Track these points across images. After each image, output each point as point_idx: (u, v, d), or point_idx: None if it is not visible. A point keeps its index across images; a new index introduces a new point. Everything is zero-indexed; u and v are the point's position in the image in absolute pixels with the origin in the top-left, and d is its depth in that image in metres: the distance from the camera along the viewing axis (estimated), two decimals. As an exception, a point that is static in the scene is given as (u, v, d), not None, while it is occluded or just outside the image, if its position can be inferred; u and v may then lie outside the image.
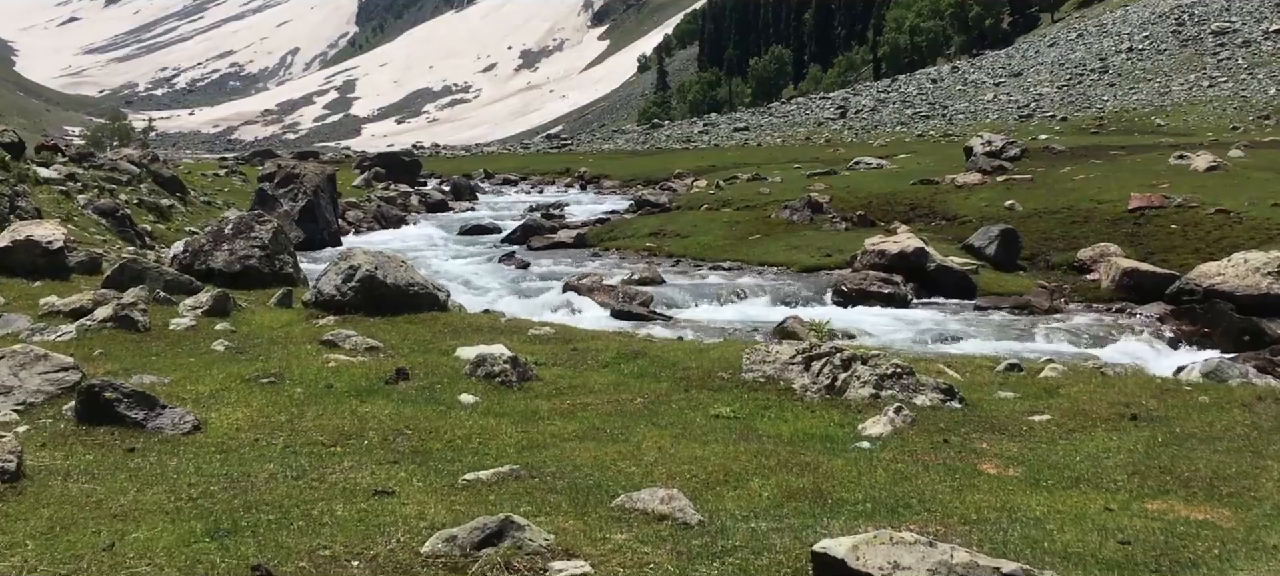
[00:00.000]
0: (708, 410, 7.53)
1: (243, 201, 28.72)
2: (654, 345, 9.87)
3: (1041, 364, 9.65)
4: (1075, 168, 30.58)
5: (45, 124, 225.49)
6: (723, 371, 8.63)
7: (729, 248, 23.30)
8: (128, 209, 22.64)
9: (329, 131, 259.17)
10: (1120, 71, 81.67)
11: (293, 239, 26.82)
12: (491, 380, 8.18)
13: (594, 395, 7.96)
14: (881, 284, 17.95)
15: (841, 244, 21.98)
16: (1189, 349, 14.04)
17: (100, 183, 23.71)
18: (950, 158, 37.66)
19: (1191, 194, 23.77)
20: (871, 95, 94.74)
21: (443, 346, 9.64)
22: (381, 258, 11.68)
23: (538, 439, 6.68)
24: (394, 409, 7.34)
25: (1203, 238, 20.95)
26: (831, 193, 28.84)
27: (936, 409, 7.78)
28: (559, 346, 9.84)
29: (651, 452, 6.39)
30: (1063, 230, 22.52)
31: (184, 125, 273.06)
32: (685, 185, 41.11)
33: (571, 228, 28.20)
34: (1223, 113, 62.08)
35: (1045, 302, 17.40)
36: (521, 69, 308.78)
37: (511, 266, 22.04)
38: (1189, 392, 8.29)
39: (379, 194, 39.01)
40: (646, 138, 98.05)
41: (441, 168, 61.62)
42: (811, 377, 8.08)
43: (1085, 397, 8.16)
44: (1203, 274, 17.26)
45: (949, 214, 25.27)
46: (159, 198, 25.31)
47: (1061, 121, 64.53)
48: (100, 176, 24.41)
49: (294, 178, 27.70)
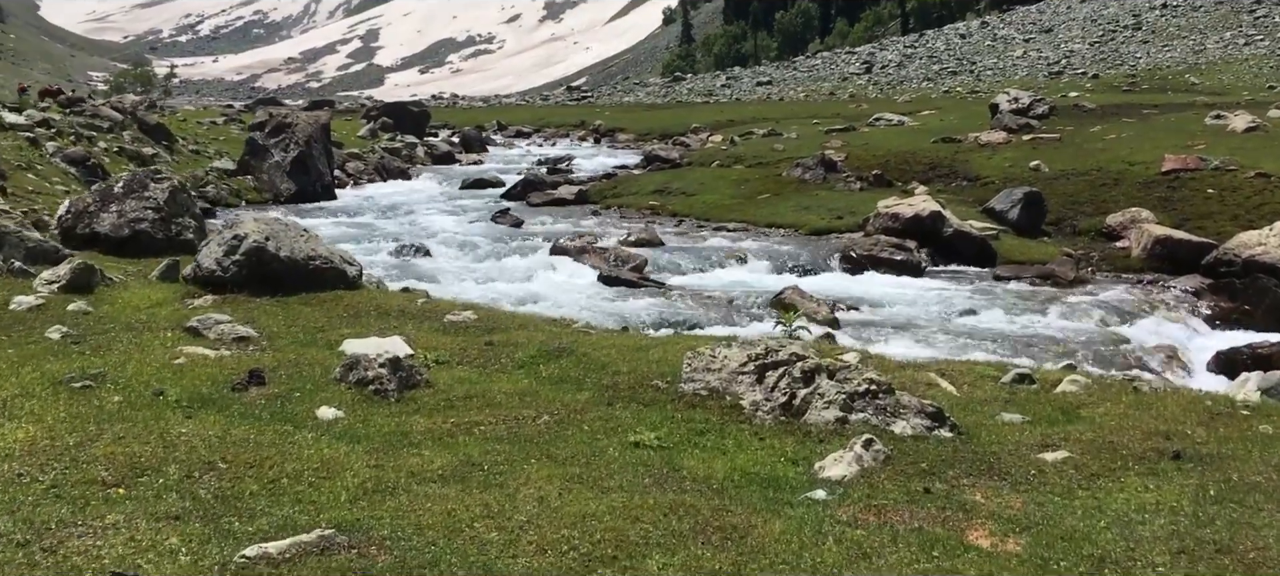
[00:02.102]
0: (627, 435, 5.92)
1: (237, 150, 27.62)
2: (587, 339, 8.19)
3: (1058, 373, 7.86)
4: (1106, 127, 29.16)
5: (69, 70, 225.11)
6: (659, 378, 7.01)
7: (736, 207, 22.04)
8: (105, 157, 21.59)
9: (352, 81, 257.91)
10: (1154, 28, 79.81)
11: (284, 191, 25.89)
12: (364, 388, 6.64)
13: (491, 410, 6.38)
14: (894, 250, 16.70)
15: (854, 205, 20.69)
16: (1228, 329, 12.77)
17: (78, 129, 22.63)
18: (976, 115, 36.17)
19: (1229, 156, 22.37)
20: (898, 50, 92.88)
21: (332, 337, 8.02)
22: (276, 226, 10.07)
23: (389, 479, 5.14)
24: (223, 429, 5.83)
25: (1241, 203, 19.58)
26: (848, 150, 27.52)
27: (920, 439, 6.06)
28: (473, 338, 8.22)
29: (529, 506, 4.83)
30: (1091, 193, 21.18)
31: (207, 72, 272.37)
32: (700, 140, 39.81)
33: (575, 183, 26.97)
34: (1259, 72, 60.33)
35: (1070, 273, 16.10)
36: (546, 20, 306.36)
37: (504, 224, 20.85)
38: (1246, 419, 6.46)
39: (383, 145, 37.86)
40: (668, 91, 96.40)
41: (456, 119, 60.36)
42: (764, 392, 6.40)
43: (1113, 423, 6.36)
44: (1242, 243, 15.91)
45: (970, 174, 23.93)
46: (142, 146, 24.22)
47: (1092, 79, 62.92)
48: (79, 123, 23.33)
49: (286, 127, 26.56)
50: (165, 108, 45.16)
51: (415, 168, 34.87)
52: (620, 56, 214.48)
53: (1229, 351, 10.88)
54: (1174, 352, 11.23)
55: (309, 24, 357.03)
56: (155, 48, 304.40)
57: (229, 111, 46.50)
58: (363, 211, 23.34)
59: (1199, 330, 12.79)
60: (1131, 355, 11.10)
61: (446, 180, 30.78)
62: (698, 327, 12.10)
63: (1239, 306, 12.99)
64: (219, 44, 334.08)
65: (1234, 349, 10.90)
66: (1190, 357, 11.14)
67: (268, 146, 26.37)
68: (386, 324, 8.54)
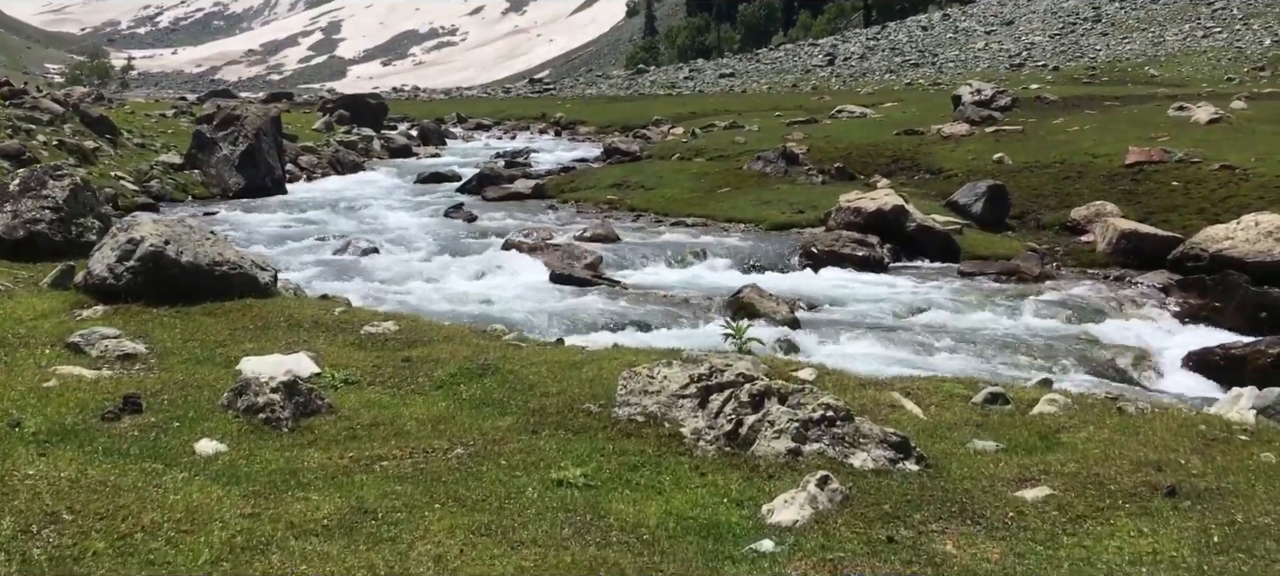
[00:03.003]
0: (550, 471, 5.10)
1: (186, 144, 26.84)
2: (516, 354, 7.28)
3: (1034, 391, 7.00)
4: (1069, 119, 28.88)
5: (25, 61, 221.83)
6: (591, 401, 6.17)
7: (695, 201, 21.55)
8: (43, 151, 20.83)
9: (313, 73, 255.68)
10: (1114, 21, 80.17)
11: (232, 186, 25.16)
12: (253, 416, 5.72)
13: (398, 441, 5.52)
14: (856, 246, 16.27)
15: (816, 199, 20.26)
16: (1198, 326, 12.40)
17: (16, 122, 21.85)
18: (938, 107, 35.86)
19: (1193, 148, 22.12)
20: (860, 42, 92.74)
21: (233, 353, 7.11)
22: (178, 228, 9.06)
23: (263, 532, 4.32)
24: (79, 469, 4.92)
25: (1207, 196, 19.31)
26: (810, 143, 27.11)
27: (882, 474, 5.26)
28: (391, 353, 7.33)
29: (423, 567, 4.09)
30: (1055, 186, 20.86)
31: (166, 65, 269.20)
32: (661, 133, 39.35)
33: (532, 177, 26.40)
34: (1217, 64, 60.64)
35: (1035, 268, 15.73)
36: (509, 12, 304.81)
37: (457, 219, 20.27)
38: (1244, 445, 5.71)
39: (339, 138, 37.10)
40: (631, 83, 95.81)
41: (415, 111, 59.61)
42: (708, 419, 5.57)
43: (1097, 451, 5.59)
44: (1209, 238, 15.61)
45: (933, 167, 23.57)
46: (84, 139, 23.42)
47: (1053, 71, 62.99)
48: (18, 116, 22.53)
49: (235, 120, 25.83)
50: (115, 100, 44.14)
51: (371, 161, 34.21)
52: (584, 49, 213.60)
53: (1201, 352, 10.50)
54: (1145, 354, 10.84)
55: (269, 16, 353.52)
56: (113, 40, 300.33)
57: (181, 104, 45.52)
58: (312, 206, 22.70)
59: (1168, 328, 12.41)
60: (1104, 360, 10.70)
61: (402, 174, 30.15)
62: (651, 329, 11.61)
63: (1209, 303, 12.63)
64: (178, 36, 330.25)
65: (1206, 349, 10.52)
66: (1161, 358, 10.74)
67: (216, 140, 25.65)
68: (296, 337, 7.70)
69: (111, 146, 25.07)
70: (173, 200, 23.08)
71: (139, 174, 23.47)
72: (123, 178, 22.67)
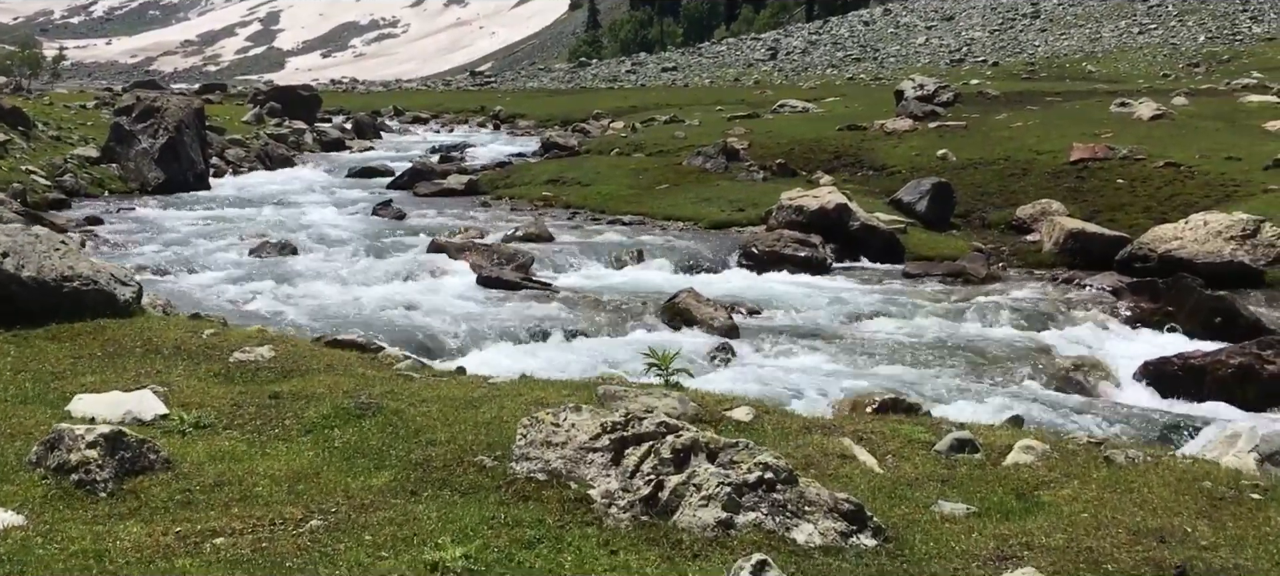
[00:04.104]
0: (424, 550, 3.99)
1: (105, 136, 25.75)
2: (406, 388, 6.20)
3: (1007, 434, 5.99)
4: (1012, 114, 28.59)
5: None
6: (486, 453, 5.12)
7: (633, 199, 20.91)
8: (-56, 145, 19.76)
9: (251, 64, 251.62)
10: (1052, 17, 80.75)
11: (152, 180, 24.10)
12: (64, 477, 4.64)
13: (244, 508, 4.44)
14: (798, 246, 15.71)
15: (757, 197, 19.68)
16: (1150, 331, 11.94)
17: (-83, 115, 20.73)
18: (881, 101, 35.47)
19: (1137, 145, 21.86)
20: (803, 37, 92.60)
21: (70, 387, 5.93)
22: (22, 238, 7.85)
23: None
24: None
25: (1152, 194, 19.02)
26: (752, 138, 26.55)
27: (832, 553, 4.29)
28: (259, 387, 6.21)
29: None
30: (1000, 184, 20.47)
31: (101, 55, 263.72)
32: (601, 127, 38.64)
33: (466, 172, 25.60)
34: (1153, 60, 61.17)
35: (982, 269, 15.25)
36: (451, 4, 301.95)
37: (385, 216, 19.46)
38: (1258, 506, 4.82)
39: (269, 131, 36.02)
40: (572, 77, 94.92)
41: (352, 104, 58.32)
42: (622, 478, 4.56)
43: (1087, 516, 4.69)
44: (1157, 238, 15.24)
45: (877, 164, 23.10)
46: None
47: (993, 66, 63.18)
48: (-81, 108, 21.40)
49: (154, 111, 24.81)
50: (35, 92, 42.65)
51: (302, 155, 33.19)
52: (527, 42, 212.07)
53: (1159, 362, 10.00)
54: (1099, 363, 10.33)
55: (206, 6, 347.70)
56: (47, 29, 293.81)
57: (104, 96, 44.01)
58: (235, 203, 21.80)
59: (1120, 334, 11.92)
60: (1058, 371, 10.16)
61: (333, 168, 29.24)
62: (578, 336, 10.94)
63: (1161, 308, 12.18)
64: (113, 26, 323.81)
65: (1164, 359, 10.02)
66: (1117, 368, 10.24)
67: (134, 132, 24.61)
68: (150, 367, 6.55)
69: (24, 139, 23.96)
70: (87, 195, 22.07)
71: (52, 168, 22.41)
72: (34, 172, 21.62)
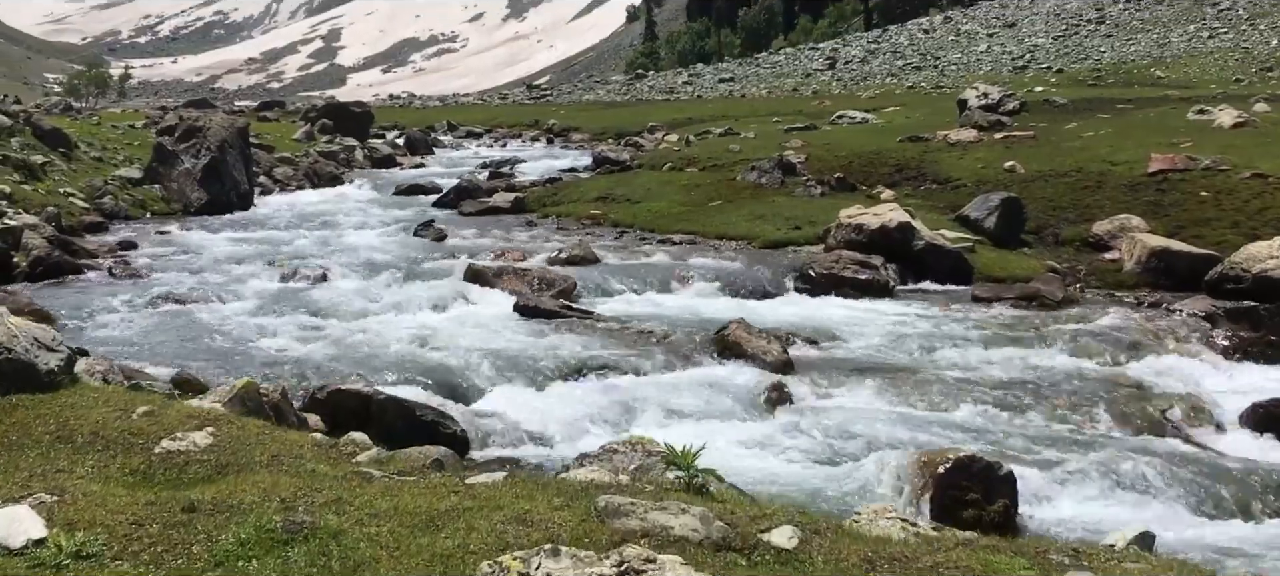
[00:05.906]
0: None
1: (149, 156, 25.33)
2: (357, 500, 4.62)
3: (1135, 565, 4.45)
4: (1082, 123, 27.33)
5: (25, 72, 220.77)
6: None
7: (684, 216, 19.98)
8: (-18, 166, 19.36)
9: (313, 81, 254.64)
10: (1118, 22, 78.65)
11: (194, 201, 23.59)
12: None
13: None
14: (858, 268, 14.70)
15: (814, 214, 18.68)
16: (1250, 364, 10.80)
17: (-43, 137, 20.37)
18: (942, 111, 34.27)
19: (1219, 155, 20.54)
20: (861, 46, 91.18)
21: None
22: None
23: None
24: None
25: (1239, 207, 17.71)
26: (809, 151, 25.55)
27: None
28: (173, 494, 4.72)
29: None
30: (1072, 197, 19.25)
31: (166, 73, 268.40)
32: (655, 140, 37.75)
33: (514, 189, 24.83)
34: (1224, 65, 59.05)
35: (1058, 292, 14.11)
36: (509, 18, 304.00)
37: (426, 237, 18.72)
38: None
39: (319, 149, 35.61)
40: (629, 89, 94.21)
41: (407, 119, 58.04)
42: None
43: None
44: (1251, 257, 14.01)
45: (940, 176, 21.98)
46: (32, 154, 21.92)
47: (1057, 73, 61.42)
48: (-41, 129, 21.07)
49: (197, 131, 24.36)
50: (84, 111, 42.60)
51: (351, 172, 32.70)
52: (584, 54, 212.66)
53: (1269, 405, 8.88)
54: (1197, 403, 9.25)
55: (270, 24, 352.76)
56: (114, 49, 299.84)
57: (155, 115, 43.87)
58: (276, 224, 21.18)
59: (1218, 367, 10.77)
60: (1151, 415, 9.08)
61: (380, 186, 28.64)
62: (617, 373, 10.04)
63: (1263, 337, 11.05)
64: (179, 45, 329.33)
65: (1274, 402, 8.92)
66: (1218, 409, 9.16)
67: (177, 152, 24.18)
68: (51, 463, 5.17)
69: (65, 160, 23.56)
70: (127, 217, 21.60)
71: (91, 190, 21.97)
72: (72, 194, 21.17)
